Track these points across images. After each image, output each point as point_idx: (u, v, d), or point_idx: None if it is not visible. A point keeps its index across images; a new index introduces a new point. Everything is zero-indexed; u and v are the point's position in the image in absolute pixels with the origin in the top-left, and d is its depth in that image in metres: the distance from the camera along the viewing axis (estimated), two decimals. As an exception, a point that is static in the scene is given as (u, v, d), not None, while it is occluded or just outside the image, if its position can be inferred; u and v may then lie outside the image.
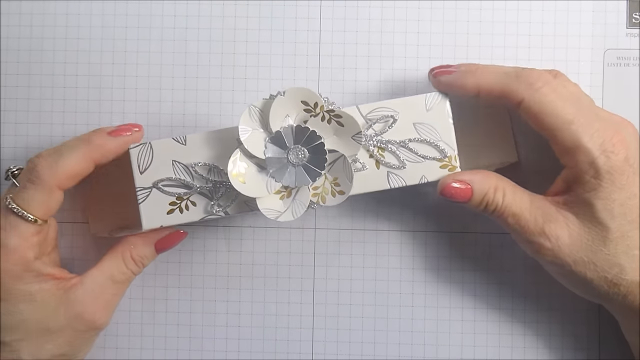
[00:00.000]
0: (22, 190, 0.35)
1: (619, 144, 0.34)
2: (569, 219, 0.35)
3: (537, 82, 0.35)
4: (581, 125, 0.34)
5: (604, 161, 0.34)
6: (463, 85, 0.36)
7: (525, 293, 0.41)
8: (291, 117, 0.35)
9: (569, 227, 0.35)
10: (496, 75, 0.36)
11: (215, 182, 0.36)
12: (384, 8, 0.42)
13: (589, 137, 0.34)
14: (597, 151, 0.34)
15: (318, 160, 0.34)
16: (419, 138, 0.36)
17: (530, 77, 0.35)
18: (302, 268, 0.42)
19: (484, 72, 0.36)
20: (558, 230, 0.35)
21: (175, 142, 0.36)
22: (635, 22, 0.41)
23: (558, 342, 0.41)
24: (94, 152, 0.36)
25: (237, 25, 0.42)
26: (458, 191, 0.35)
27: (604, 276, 0.34)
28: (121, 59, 0.42)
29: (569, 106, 0.34)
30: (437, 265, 0.42)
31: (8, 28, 0.42)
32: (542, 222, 0.35)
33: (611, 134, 0.34)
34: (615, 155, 0.34)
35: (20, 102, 0.42)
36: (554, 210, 0.35)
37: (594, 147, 0.34)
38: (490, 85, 0.35)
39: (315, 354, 0.42)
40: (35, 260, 0.36)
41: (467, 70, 0.36)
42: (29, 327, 0.35)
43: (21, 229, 0.35)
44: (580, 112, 0.34)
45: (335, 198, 0.35)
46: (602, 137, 0.34)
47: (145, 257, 0.39)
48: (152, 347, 0.42)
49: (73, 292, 0.36)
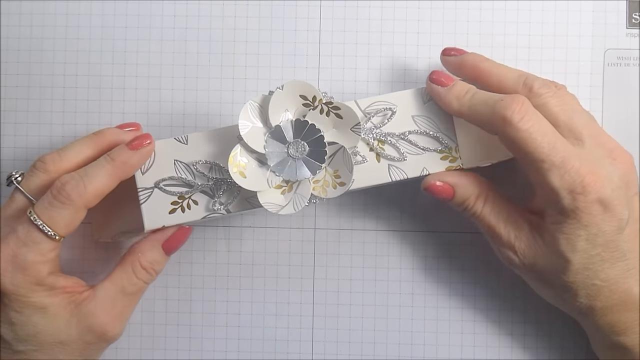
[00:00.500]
0: (49, 207, 0.35)
1: (591, 185, 0.33)
2: (537, 242, 0.35)
3: (513, 115, 0.33)
4: (553, 165, 0.33)
5: (569, 202, 0.33)
6: (447, 106, 0.36)
7: (525, 293, 0.41)
8: (290, 111, 0.35)
9: (536, 249, 0.35)
10: (478, 105, 0.35)
11: (216, 179, 0.36)
12: (384, 8, 0.42)
13: (559, 178, 0.33)
14: (564, 192, 0.33)
15: (318, 153, 0.34)
16: (419, 130, 0.36)
17: (506, 110, 0.34)
18: (302, 268, 0.42)
19: (470, 99, 0.35)
20: (526, 250, 0.36)
21: (177, 141, 0.36)
22: (635, 22, 0.42)
23: (558, 342, 0.41)
24: (119, 171, 0.35)
25: (237, 25, 0.42)
26: (440, 190, 0.36)
27: (561, 295, 0.36)
28: (121, 59, 0.42)
29: (544, 143, 0.33)
30: (437, 265, 0.42)
31: (8, 28, 0.42)
32: (514, 238, 0.36)
33: (585, 173, 0.33)
34: (583, 197, 0.33)
35: (20, 102, 0.42)
36: (527, 230, 0.36)
37: (562, 188, 0.33)
38: (470, 115, 0.35)
39: (315, 354, 0.42)
40: (49, 275, 0.36)
41: (456, 95, 0.36)
42: (43, 338, 0.36)
43: (42, 245, 0.35)
44: (556, 148, 0.33)
45: (337, 190, 0.35)
46: (573, 177, 0.33)
47: (156, 262, 0.38)
48: (152, 347, 0.42)
49: (85, 305, 0.36)
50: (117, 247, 0.42)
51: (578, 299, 0.35)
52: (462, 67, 0.38)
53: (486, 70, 0.37)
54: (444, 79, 0.36)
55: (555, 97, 0.36)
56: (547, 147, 0.33)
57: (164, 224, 0.36)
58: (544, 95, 0.35)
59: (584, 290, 0.35)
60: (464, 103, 0.35)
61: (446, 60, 0.39)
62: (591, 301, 0.35)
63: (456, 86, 0.36)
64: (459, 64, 0.38)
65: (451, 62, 0.39)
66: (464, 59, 0.38)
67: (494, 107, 0.34)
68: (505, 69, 0.37)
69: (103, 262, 0.42)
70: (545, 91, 0.36)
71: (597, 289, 0.35)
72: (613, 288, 0.35)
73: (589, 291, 0.35)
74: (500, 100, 0.34)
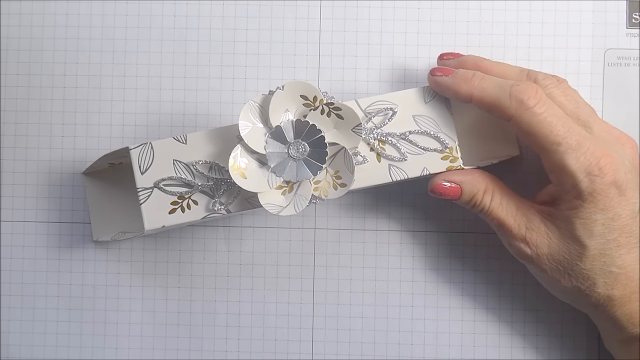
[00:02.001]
0: None
1: (606, 167, 0.34)
2: (551, 230, 0.35)
3: (529, 100, 0.34)
4: (569, 147, 0.34)
5: (587, 184, 0.34)
6: (456, 92, 0.36)
7: (525, 293, 0.41)
8: (291, 111, 0.35)
9: (549, 238, 0.35)
10: (490, 87, 0.35)
11: (216, 179, 0.36)
12: (384, 8, 0.42)
13: (575, 160, 0.34)
14: (582, 174, 0.34)
15: (319, 154, 0.34)
16: (419, 130, 0.36)
17: (523, 94, 0.34)
18: (302, 268, 0.42)
19: (480, 82, 0.36)
20: (538, 240, 0.36)
21: (176, 141, 0.36)
22: (635, 22, 0.42)
23: (558, 342, 0.41)
24: None
25: (237, 25, 0.42)
26: (447, 190, 0.36)
27: (577, 286, 0.35)
28: (121, 59, 0.42)
29: (559, 126, 0.34)
30: (437, 265, 0.42)
31: (8, 28, 0.42)
32: (525, 229, 0.36)
33: (600, 155, 0.34)
34: (600, 179, 0.34)
35: (20, 102, 0.42)
36: (537, 220, 0.36)
37: (579, 170, 0.34)
38: (482, 97, 0.35)
39: (315, 354, 0.42)
40: None
41: (463, 78, 0.36)
42: None
43: None
44: (571, 131, 0.34)
45: (337, 191, 0.35)
46: (589, 159, 0.34)
47: None
48: (152, 347, 0.42)
49: None
50: (117, 247, 0.42)
51: (596, 288, 0.35)
52: (462, 67, 0.38)
53: (488, 67, 0.37)
54: (446, 70, 0.37)
55: (559, 88, 0.36)
56: (563, 129, 0.34)
57: (164, 224, 0.36)
58: (548, 87, 0.36)
59: (602, 279, 0.35)
60: (474, 86, 0.35)
61: (445, 64, 0.39)
62: (609, 290, 0.35)
63: (460, 71, 0.36)
64: (458, 65, 0.38)
65: (451, 64, 0.39)
66: (464, 59, 0.38)
67: (510, 90, 0.34)
68: (506, 65, 0.38)
69: (103, 262, 0.42)
70: (549, 82, 0.36)
71: (614, 277, 0.35)
72: (630, 275, 0.35)
73: (607, 279, 0.35)
74: (516, 85, 0.35)
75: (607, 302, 0.35)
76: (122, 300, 0.42)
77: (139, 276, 0.42)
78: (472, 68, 0.38)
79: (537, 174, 0.41)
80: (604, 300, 0.35)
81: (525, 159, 0.41)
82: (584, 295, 0.36)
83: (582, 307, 0.37)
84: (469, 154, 0.38)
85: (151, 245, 0.42)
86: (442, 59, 0.39)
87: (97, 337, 0.42)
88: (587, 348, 0.41)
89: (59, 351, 0.42)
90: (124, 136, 0.42)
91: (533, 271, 0.37)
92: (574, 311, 0.41)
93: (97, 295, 0.42)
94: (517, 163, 0.41)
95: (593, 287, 0.35)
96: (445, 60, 0.39)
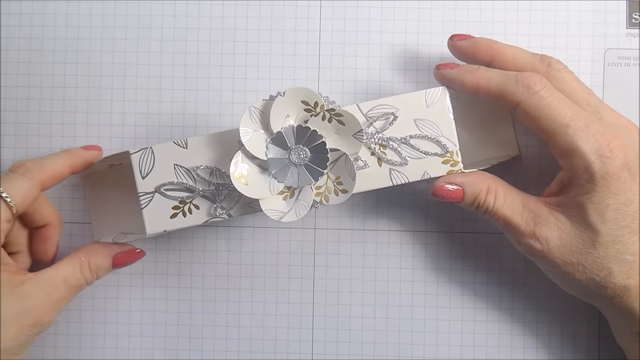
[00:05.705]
0: (8, 178, 0.37)
1: (617, 149, 0.34)
2: (560, 220, 0.35)
3: (535, 85, 0.35)
4: (578, 129, 0.34)
5: (599, 166, 0.34)
6: (462, 83, 0.36)
7: (525, 293, 0.41)
8: (292, 117, 0.35)
9: (560, 229, 0.35)
10: (496, 76, 0.36)
11: (217, 184, 0.35)
12: (384, 8, 0.42)
13: (586, 141, 0.34)
14: (593, 156, 0.34)
15: (320, 160, 0.34)
16: (420, 134, 0.36)
17: (530, 79, 0.35)
18: (302, 268, 0.42)
19: (485, 72, 0.36)
20: (548, 233, 0.35)
21: (177, 145, 0.36)
22: (635, 22, 0.41)
23: (558, 342, 0.41)
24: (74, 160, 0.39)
25: (237, 25, 0.42)
26: (449, 193, 0.36)
27: (592, 278, 0.35)
28: (121, 59, 0.42)
29: (567, 109, 0.34)
30: (437, 265, 0.42)
31: (8, 28, 0.42)
32: (533, 224, 0.35)
33: (610, 138, 0.34)
34: (611, 161, 0.34)
35: (20, 102, 0.42)
36: (545, 212, 0.35)
37: (590, 151, 0.34)
38: (489, 86, 0.36)
39: (315, 354, 0.42)
40: None
41: (468, 69, 0.36)
42: None
43: None
44: (579, 114, 0.34)
45: (339, 197, 0.35)
46: (599, 141, 0.34)
47: (101, 268, 0.39)
48: (152, 347, 0.42)
49: (26, 286, 0.37)
50: (117, 247, 0.42)
51: (612, 278, 0.34)
52: (475, 48, 0.38)
53: (501, 49, 0.37)
54: (451, 65, 0.37)
55: (571, 74, 0.37)
56: (570, 112, 0.34)
57: (166, 229, 0.36)
58: (561, 70, 0.36)
59: (618, 267, 0.34)
60: (480, 76, 0.36)
61: (457, 46, 0.39)
62: (626, 280, 0.34)
63: (465, 65, 0.37)
64: (472, 46, 0.38)
65: (463, 45, 0.38)
66: (477, 40, 0.38)
67: (516, 77, 0.35)
68: (519, 48, 0.38)
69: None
70: (562, 67, 0.37)
71: (629, 265, 0.34)
72: None
73: (622, 268, 0.34)
74: (521, 73, 0.35)
75: (623, 293, 0.35)
76: (122, 300, 0.42)
77: (139, 276, 0.42)
78: (486, 50, 0.38)
79: (537, 174, 0.41)
80: (620, 291, 0.35)
81: (526, 159, 0.41)
82: (599, 287, 0.35)
83: (597, 300, 0.36)
84: (469, 157, 0.38)
85: (151, 245, 0.42)
86: (454, 40, 0.39)
87: (96, 338, 0.42)
88: (587, 348, 0.41)
89: (59, 351, 0.42)
90: (124, 136, 0.42)
91: (544, 268, 0.37)
92: (574, 311, 0.41)
93: (97, 296, 0.42)
94: (517, 163, 0.41)
95: (609, 277, 0.34)
96: (457, 41, 0.39)
